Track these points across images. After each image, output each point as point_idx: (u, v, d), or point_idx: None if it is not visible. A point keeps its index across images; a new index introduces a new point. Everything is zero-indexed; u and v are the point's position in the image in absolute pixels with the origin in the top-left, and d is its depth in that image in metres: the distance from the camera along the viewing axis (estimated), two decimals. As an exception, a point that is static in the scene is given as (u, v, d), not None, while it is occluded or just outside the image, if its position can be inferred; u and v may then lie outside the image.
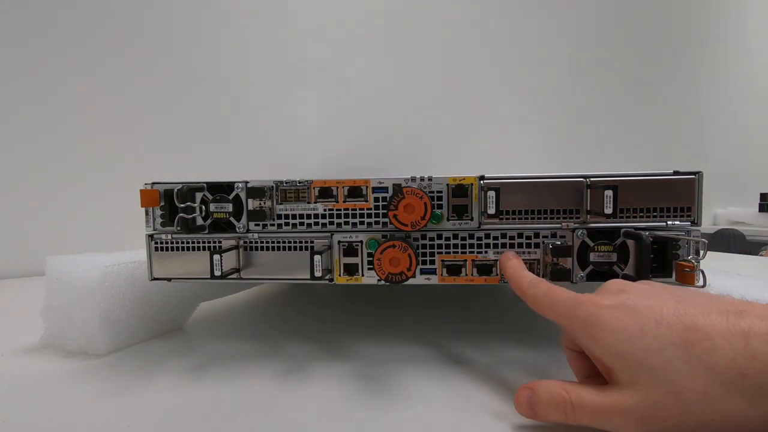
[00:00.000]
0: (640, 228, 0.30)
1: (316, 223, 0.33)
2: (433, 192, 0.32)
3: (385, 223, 0.32)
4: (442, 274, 0.32)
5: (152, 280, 0.35)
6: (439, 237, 0.32)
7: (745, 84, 1.82)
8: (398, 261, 0.31)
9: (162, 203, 0.34)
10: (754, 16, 1.85)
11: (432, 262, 0.32)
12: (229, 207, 0.33)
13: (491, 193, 0.31)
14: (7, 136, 0.74)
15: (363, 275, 0.33)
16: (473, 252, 0.32)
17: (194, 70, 0.87)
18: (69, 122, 0.78)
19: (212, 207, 0.33)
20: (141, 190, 0.33)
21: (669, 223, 0.31)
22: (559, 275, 0.31)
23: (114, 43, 0.80)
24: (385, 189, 0.32)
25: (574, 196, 0.31)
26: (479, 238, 0.32)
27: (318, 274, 0.31)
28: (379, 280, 0.32)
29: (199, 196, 0.33)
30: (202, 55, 0.88)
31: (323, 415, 0.28)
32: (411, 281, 0.31)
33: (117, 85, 0.81)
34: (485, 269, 0.32)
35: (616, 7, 1.41)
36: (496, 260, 0.32)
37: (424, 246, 0.32)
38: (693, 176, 0.30)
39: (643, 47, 1.48)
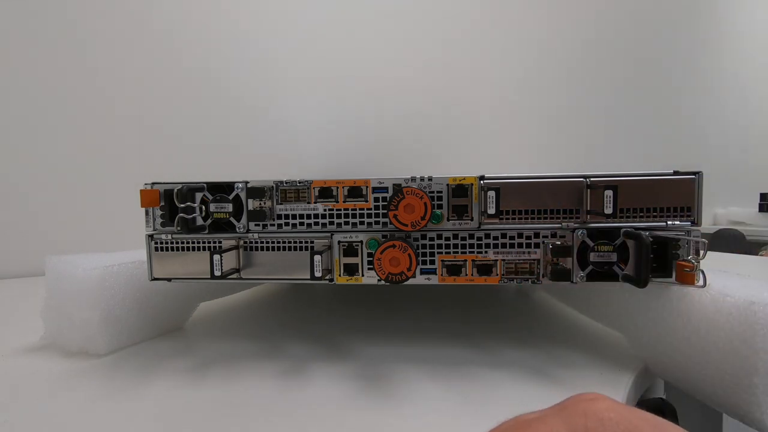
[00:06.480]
0: (640, 228, 0.30)
1: (316, 223, 0.33)
2: (433, 192, 0.32)
3: (385, 223, 0.32)
4: (442, 274, 0.32)
5: (152, 280, 0.35)
6: (439, 237, 0.32)
7: (746, 84, 1.82)
8: (398, 261, 0.31)
9: (162, 203, 0.34)
10: (754, 17, 1.85)
11: (432, 262, 0.32)
12: (229, 207, 0.33)
13: (491, 193, 0.31)
14: (6, 136, 0.74)
15: (363, 275, 0.33)
16: (473, 252, 0.32)
17: (194, 69, 0.87)
18: (69, 122, 0.77)
19: (212, 207, 0.33)
20: (141, 190, 0.33)
21: (669, 223, 0.31)
22: (559, 275, 0.31)
23: (114, 42, 0.80)
24: (385, 189, 0.32)
25: (574, 196, 0.31)
26: (479, 238, 0.32)
27: (318, 274, 0.31)
28: (379, 280, 0.32)
29: (199, 196, 0.33)
30: (202, 54, 0.88)
31: (323, 415, 0.28)
32: (411, 281, 0.31)
33: (117, 84, 0.81)
34: (485, 269, 0.32)
35: (617, 7, 1.42)
36: (496, 260, 0.32)
37: (424, 246, 0.32)
38: (693, 176, 0.30)
39: (643, 48, 1.49)
